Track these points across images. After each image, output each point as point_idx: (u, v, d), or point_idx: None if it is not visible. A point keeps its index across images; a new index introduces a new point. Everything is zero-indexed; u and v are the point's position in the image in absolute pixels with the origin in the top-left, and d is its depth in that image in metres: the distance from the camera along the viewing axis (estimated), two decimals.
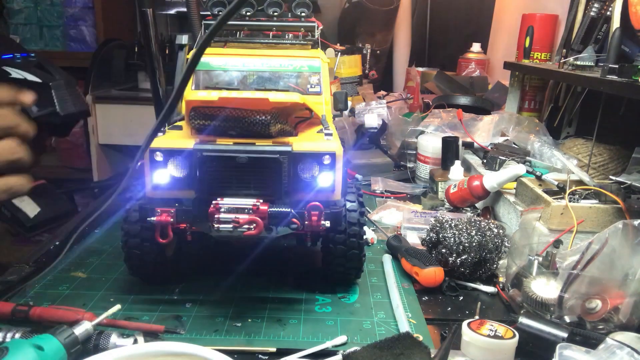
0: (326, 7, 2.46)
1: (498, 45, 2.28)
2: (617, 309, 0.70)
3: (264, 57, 0.91)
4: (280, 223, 0.72)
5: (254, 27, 0.97)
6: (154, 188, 0.74)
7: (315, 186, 0.74)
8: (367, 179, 1.42)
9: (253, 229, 0.69)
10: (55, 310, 0.72)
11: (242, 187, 0.72)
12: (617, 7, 1.13)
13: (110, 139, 2.45)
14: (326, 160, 0.73)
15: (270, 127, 0.71)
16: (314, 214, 0.72)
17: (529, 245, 0.85)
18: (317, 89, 0.91)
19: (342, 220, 0.77)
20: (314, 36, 0.96)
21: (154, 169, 0.73)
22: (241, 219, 0.69)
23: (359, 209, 0.80)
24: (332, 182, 0.74)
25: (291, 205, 0.72)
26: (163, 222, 0.72)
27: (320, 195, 0.74)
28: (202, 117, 0.71)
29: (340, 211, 0.75)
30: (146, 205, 0.73)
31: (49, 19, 2.62)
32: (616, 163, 1.19)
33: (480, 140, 1.37)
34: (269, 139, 0.73)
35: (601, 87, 1.02)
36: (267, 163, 0.71)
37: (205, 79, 0.90)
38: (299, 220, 0.72)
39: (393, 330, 0.74)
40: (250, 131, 0.72)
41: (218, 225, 0.70)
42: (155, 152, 0.73)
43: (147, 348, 0.56)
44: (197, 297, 0.81)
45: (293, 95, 0.74)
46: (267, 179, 0.72)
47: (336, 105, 0.94)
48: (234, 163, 0.70)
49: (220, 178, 0.72)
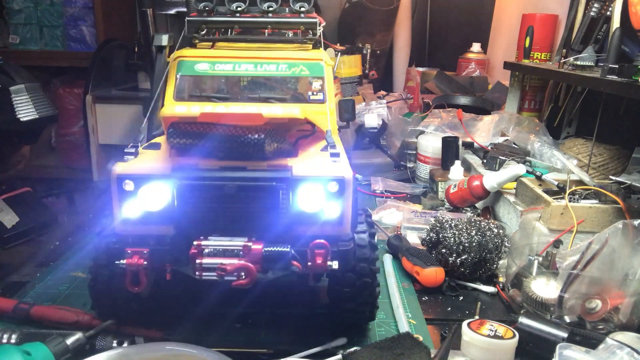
0: (326, 7, 2.46)
1: (498, 45, 2.28)
2: (617, 309, 0.70)
3: (258, 60, 0.78)
4: (277, 266, 0.60)
5: (246, 25, 0.83)
6: (123, 223, 0.61)
7: (319, 219, 0.61)
8: (367, 179, 1.42)
9: (243, 277, 0.58)
10: (56, 310, 0.72)
11: (230, 222, 0.61)
12: (617, 7, 1.13)
13: (110, 139, 2.44)
14: (332, 187, 0.60)
15: (265, 146, 0.58)
16: (318, 253, 0.60)
17: (529, 245, 0.85)
18: (320, 96, 0.77)
19: (352, 259, 0.64)
20: (316, 34, 0.83)
21: (123, 200, 0.60)
22: (228, 266, 0.58)
23: (369, 242, 0.66)
24: (340, 213, 0.61)
25: (290, 243, 0.60)
26: (135, 265, 0.59)
27: (325, 229, 0.62)
28: (182, 136, 0.58)
29: (351, 249, 0.63)
30: (115, 245, 0.61)
31: (49, 19, 2.62)
32: (616, 163, 1.19)
33: (480, 140, 1.37)
34: (263, 161, 0.60)
35: (601, 87, 1.02)
36: (260, 192, 0.60)
37: (189, 86, 0.76)
38: (299, 262, 0.60)
39: (393, 330, 0.74)
40: (240, 152, 0.59)
41: (200, 273, 0.59)
42: (125, 179, 0.60)
43: (147, 348, 0.56)
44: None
45: (292, 108, 0.62)
46: (261, 211, 0.60)
47: (342, 115, 0.84)
48: (220, 193, 0.59)
49: (204, 211, 0.60)
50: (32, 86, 0.86)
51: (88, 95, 2.39)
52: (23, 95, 0.83)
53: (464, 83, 2.07)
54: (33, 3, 2.55)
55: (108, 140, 2.46)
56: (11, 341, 0.66)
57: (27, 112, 0.85)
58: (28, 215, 1.04)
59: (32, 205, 1.07)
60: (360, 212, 0.70)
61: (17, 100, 0.82)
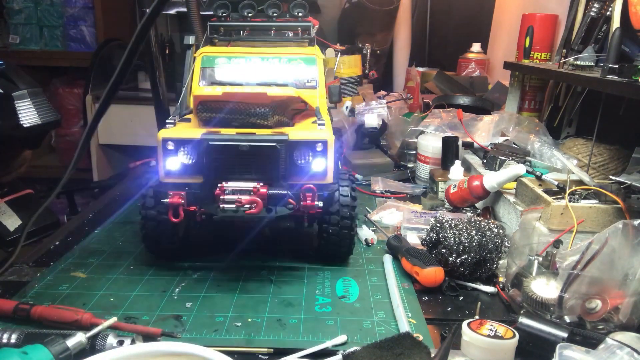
0: (326, 7, 2.46)
1: (498, 45, 2.28)
2: (617, 309, 0.70)
3: (265, 54, 0.98)
4: (278, 204, 0.80)
5: (255, 27, 1.04)
6: (166, 174, 0.82)
7: (309, 171, 0.82)
8: (367, 179, 1.42)
9: (254, 208, 0.77)
10: (56, 310, 0.72)
11: (244, 172, 0.80)
12: (617, 7, 1.13)
13: (110, 139, 2.45)
14: (319, 147, 0.81)
15: (269, 118, 0.80)
16: (308, 196, 0.80)
17: (529, 245, 0.85)
18: (313, 83, 0.98)
19: (334, 202, 0.85)
20: (310, 34, 1.03)
21: (167, 157, 0.81)
22: (243, 200, 0.77)
23: (350, 193, 0.87)
24: (324, 167, 0.82)
25: (288, 188, 0.80)
26: (175, 203, 0.79)
27: (314, 178, 0.82)
28: (208, 110, 0.80)
29: (332, 193, 0.84)
30: (160, 189, 0.81)
31: (49, 19, 2.61)
32: (616, 163, 1.19)
33: (480, 140, 1.37)
34: (268, 129, 0.81)
35: (601, 87, 1.01)
36: (266, 150, 0.78)
37: (211, 75, 0.98)
38: (294, 200, 0.79)
39: (393, 330, 0.74)
40: (251, 122, 0.80)
41: (223, 206, 0.77)
42: (167, 141, 0.81)
43: (147, 348, 0.56)
44: (197, 295, 0.82)
45: (289, 90, 0.82)
46: (266, 164, 0.79)
47: (330, 98, 1.02)
48: (236, 151, 0.78)
49: (225, 164, 0.79)
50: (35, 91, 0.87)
51: (88, 95, 2.40)
52: (25, 100, 0.84)
53: (464, 83, 2.07)
54: (33, 3, 2.55)
55: (108, 140, 2.46)
56: (11, 341, 0.66)
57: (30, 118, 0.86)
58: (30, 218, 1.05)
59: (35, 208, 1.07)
60: (344, 172, 0.90)
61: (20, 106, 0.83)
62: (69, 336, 0.65)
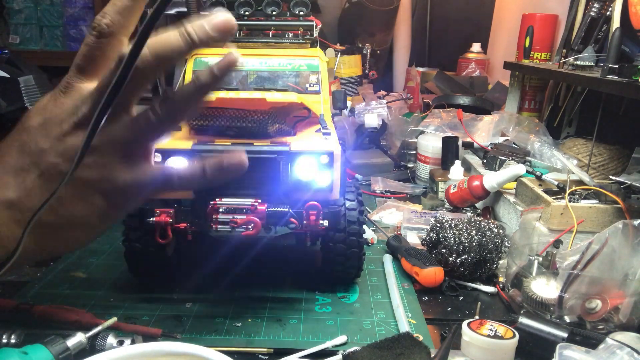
0: (326, 7, 2.46)
1: (498, 45, 2.28)
2: (617, 309, 0.70)
3: (263, 57, 0.91)
4: (279, 223, 0.72)
5: (252, 27, 0.96)
6: None
7: (313, 186, 0.73)
8: (367, 179, 1.42)
9: (251, 229, 0.69)
10: (56, 310, 0.72)
11: (240, 186, 0.72)
12: (617, 7, 1.13)
13: None
14: (324, 159, 0.72)
15: (268, 127, 0.71)
16: (312, 214, 0.72)
17: (529, 245, 0.85)
18: (316, 88, 0.90)
19: (341, 219, 0.77)
20: (313, 35, 0.96)
21: None
22: (239, 219, 0.69)
23: (358, 208, 0.79)
24: (330, 181, 0.73)
25: (289, 204, 0.72)
26: (162, 222, 0.72)
27: (318, 194, 0.73)
28: (200, 118, 0.71)
29: (339, 210, 0.75)
30: (145, 206, 0.72)
31: (49, 19, 2.61)
32: (616, 163, 1.19)
33: (480, 140, 1.37)
34: (267, 139, 0.73)
35: (601, 87, 1.01)
36: (265, 163, 0.71)
37: None
38: (297, 219, 0.72)
39: (393, 330, 0.74)
40: (248, 131, 0.71)
41: (216, 226, 0.70)
42: (154, 153, 0.71)
43: (147, 348, 0.56)
44: (197, 296, 0.81)
45: (291, 95, 0.74)
46: (265, 178, 0.72)
47: (335, 104, 0.94)
48: None
49: None
50: (40, 77, 0.88)
51: None
52: (31, 85, 0.84)
53: (464, 83, 2.07)
54: (33, 3, 2.55)
55: None
56: (11, 341, 0.66)
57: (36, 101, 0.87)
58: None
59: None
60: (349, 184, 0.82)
61: (26, 90, 0.83)
62: (69, 336, 0.65)
